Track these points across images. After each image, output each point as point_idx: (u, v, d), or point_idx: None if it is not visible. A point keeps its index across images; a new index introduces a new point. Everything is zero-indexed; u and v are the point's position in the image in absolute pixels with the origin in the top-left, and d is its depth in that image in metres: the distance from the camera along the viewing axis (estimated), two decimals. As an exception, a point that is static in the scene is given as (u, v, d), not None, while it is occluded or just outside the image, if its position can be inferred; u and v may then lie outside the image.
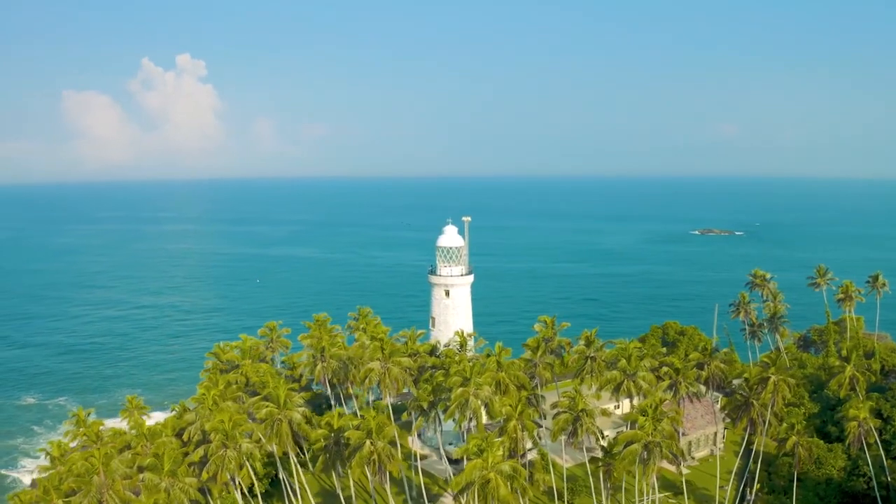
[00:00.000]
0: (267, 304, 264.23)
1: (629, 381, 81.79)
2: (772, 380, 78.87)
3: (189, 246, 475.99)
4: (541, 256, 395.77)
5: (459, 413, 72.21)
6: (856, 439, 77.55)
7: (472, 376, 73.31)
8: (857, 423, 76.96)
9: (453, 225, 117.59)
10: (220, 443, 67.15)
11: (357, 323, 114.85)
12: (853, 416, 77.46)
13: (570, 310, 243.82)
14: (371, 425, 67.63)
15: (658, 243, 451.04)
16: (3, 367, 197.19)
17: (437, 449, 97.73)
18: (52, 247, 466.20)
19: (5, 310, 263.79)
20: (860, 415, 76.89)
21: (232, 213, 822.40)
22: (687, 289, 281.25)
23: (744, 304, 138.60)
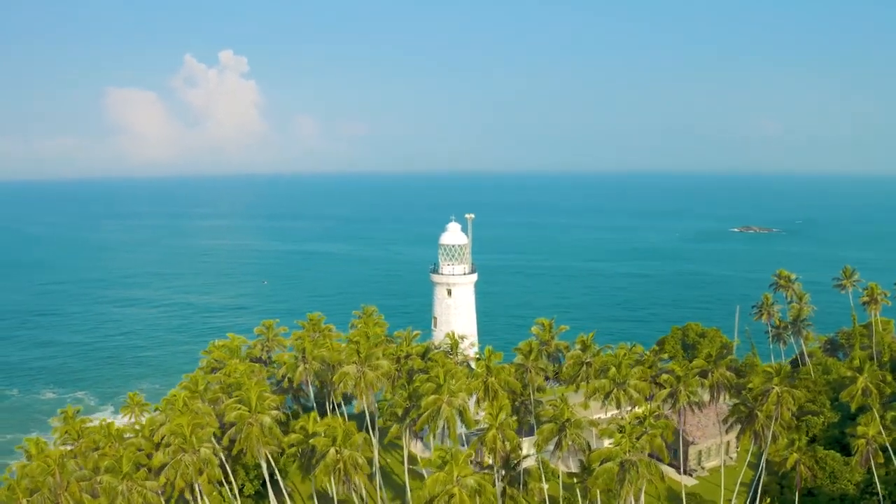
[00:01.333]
0: (292, 301, 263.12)
1: (619, 391, 76.99)
2: (774, 391, 73.57)
3: (224, 242, 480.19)
4: (573, 254, 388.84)
5: (431, 422, 68.45)
6: (864, 459, 71.68)
7: (445, 382, 69.36)
8: (864, 441, 71.15)
9: (456, 222, 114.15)
10: (178, 447, 64.53)
11: (359, 322, 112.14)
12: (861, 434, 71.65)
13: (594, 311, 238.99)
14: (337, 432, 64.32)
15: (694, 241, 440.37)
16: (28, 361, 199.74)
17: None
18: (87, 242, 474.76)
19: (34, 305, 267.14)
20: (869, 432, 71.07)
21: (271, 209, 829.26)
22: (716, 288, 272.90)
23: (767, 306, 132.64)
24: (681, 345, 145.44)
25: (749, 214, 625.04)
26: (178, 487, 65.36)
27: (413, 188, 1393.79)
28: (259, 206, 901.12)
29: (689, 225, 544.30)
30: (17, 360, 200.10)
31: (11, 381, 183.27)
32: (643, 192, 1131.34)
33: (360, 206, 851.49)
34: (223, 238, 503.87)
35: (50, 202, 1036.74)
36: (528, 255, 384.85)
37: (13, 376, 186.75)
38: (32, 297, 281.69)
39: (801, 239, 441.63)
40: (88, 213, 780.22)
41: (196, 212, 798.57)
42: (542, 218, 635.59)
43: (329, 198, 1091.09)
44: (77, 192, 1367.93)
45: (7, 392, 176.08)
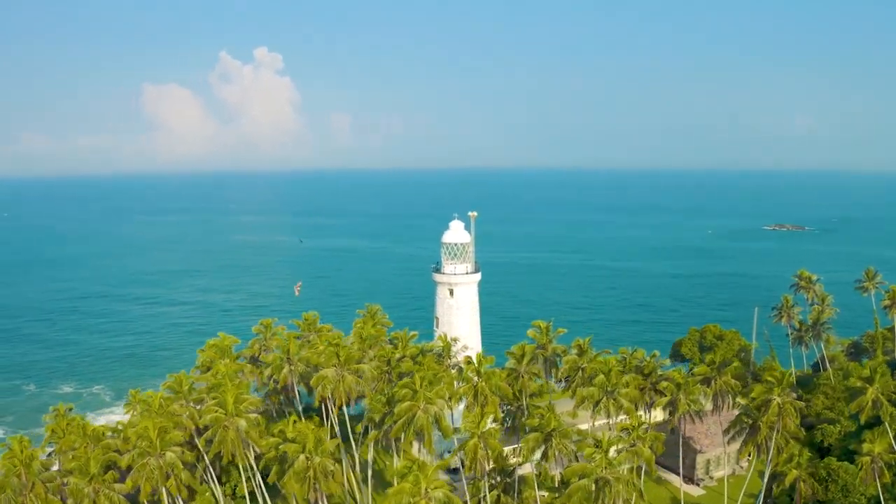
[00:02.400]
0: (315, 299, 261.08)
1: (608, 399, 73.29)
2: (775, 402, 69.47)
3: (252, 238, 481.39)
4: (602, 252, 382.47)
5: (407, 429, 65.64)
6: (868, 477, 67.18)
7: (421, 388, 66.45)
8: (870, 458, 66.61)
9: (459, 220, 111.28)
10: (144, 450, 62.73)
11: (359, 322, 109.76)
12: (867, 451, 67.07)
13: (615, 311, 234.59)
14: (307, 438, 61.84)
15: (725, 239, 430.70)
16: (47, 356, 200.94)
17: (439, 457, 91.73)
18: (117, 239, 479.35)
19: (58, 301, 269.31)
20: (875, 448, 66.47)
21: (302, 206, 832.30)
22: (741, 288, 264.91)
23: (786, 308, 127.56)
24: (698, 347, 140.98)
25: (782, 212, 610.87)
26: (145, 492, 63.50)
27: (445, 184, 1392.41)
28: (291, 203, 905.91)
29: (722, 222, 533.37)
30: (37, 355, 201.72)
31: (29, 375, 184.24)
32: (678, 190, 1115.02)
33: (390, 203, 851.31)
34: (252, 234, 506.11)
35: (84, 199, 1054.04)
36: (557, 253, 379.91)
37: (32, 371, 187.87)
38: (56, 293, 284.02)
39: (835, 237, 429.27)
40: (121, 209, 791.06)
41: (228, 208, 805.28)
42: (574, 215, 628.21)
43: (361, 194, 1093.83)
44: (112, 189, 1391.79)
45: (23, 387, 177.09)
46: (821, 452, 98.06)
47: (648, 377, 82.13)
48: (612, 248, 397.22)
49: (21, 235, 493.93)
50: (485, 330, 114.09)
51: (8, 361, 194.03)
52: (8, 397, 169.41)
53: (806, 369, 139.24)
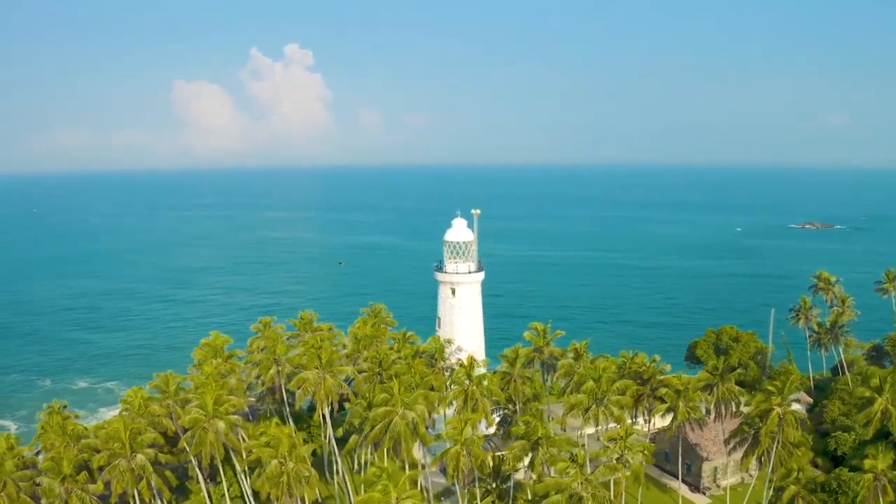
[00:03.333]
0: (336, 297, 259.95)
1: (597, 407, 70.17)
2: (775, 412, 65.98)
3: (280, 234, 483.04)
4: (629, 249, 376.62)
5: (384, 436, 63.29)
6: (871, 496, 63.20)
7: (398, 393, 64.05)
8: (872, 475, 62.71)
9: (462, 218, 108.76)
10: (115, 452, 61.34)
11: (358, 321, 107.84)
12: (869, 468, 63.15)
13: (633, 312, 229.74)
14: (280, 442, 59.88)
15: (752, 237, 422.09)
16: (66, 351, 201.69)
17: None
18: (146, 234, 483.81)
19: (82, 296, 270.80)
20: (878, 465, 62.48)
21: (331, 201, 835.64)
22: (762, 288, 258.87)
23: (804, 310, 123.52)
24: (713, 349, 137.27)
25: (813, 209, 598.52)
26: (115, 493, 62.20)
27: (473, 181, 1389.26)
28: (321, 198, 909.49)
29: (750, 219, 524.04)
30: (57, 349, 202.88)
31: (47, 370, 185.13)
32: (706, 187, 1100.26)
33: (417, 199, 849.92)
34: (279, 230, 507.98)
35: (117, 194, 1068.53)
36: (584, 250, 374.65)
37: (50, 366, 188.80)
38: (80, 288, 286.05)
39: (865, 237, 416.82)
40: (153, 205, 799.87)
41: (257, 203, 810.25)
42: (603, 211, 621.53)
43: (389, 190, 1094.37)
44: (144, 184, 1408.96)
45: (39, 382, 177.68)
46: (834, 461, 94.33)
47: (648, 383, 78.76)
48: (638, 245, 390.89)
49: (50, 231, 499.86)
50: (494, 331, 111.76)
51: (27, 356, 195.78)
52: (23, 392, 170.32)
53: (825, 372, 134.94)
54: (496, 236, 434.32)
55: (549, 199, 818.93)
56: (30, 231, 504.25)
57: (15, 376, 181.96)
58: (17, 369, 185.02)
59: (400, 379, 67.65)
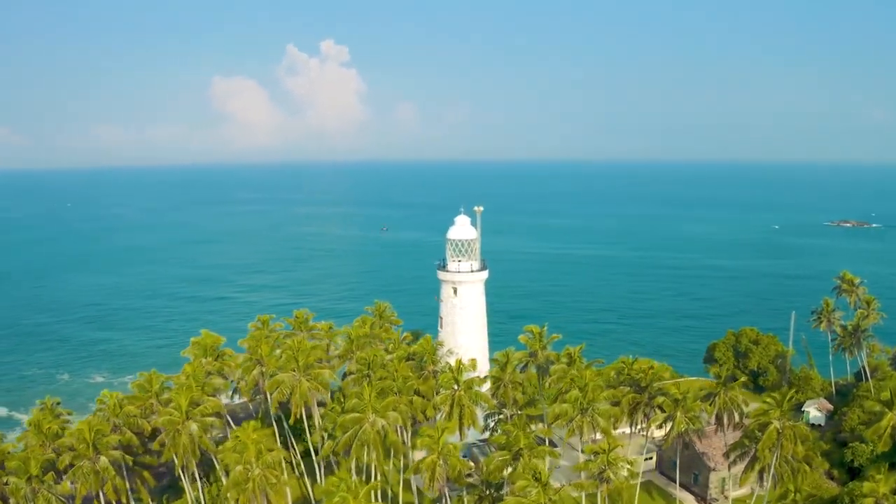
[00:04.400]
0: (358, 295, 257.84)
1: (582, 417, 66.36)
2: (773, 427, 61.71)
3: (311, 230, 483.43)
4: (661, 246, 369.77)
5: (355, 444, 60.45)
6: None
7: (369, 399, 61.18)
8: (874, 500, 57.95)
9: (465, 215, 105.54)
10: (80, 453, 59.65)
11: (357, 320, 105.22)
12: (869, 492, 58.36)
13: (658, 311, 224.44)
14: (246, 447, 57.43)
15: (781, 234, 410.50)
16: (87, 345, 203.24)
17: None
18: (179, 228, 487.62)
19: (107, 291, 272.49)
20: (879, 489, 57.57)
21: (367, 196, 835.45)
22: (786, 288, 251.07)
23: (827, 313, 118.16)
24: (732, 352, 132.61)
25: (849, 207, 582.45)
26: (81, 494, 60.62)
27: (510, 176, 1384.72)
28: (353, 193, 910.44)
29: (784, 217, 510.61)
30: (78, 345, 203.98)
31: (65, 364, 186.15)
32: (745, 184, 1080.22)
33: (451, 194, 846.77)
34: (309, 225, 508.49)
35: (153, 189, 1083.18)
36: (613, 247, 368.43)
37: (69, 359, 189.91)
38: (107, 284, 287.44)
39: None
40: (189, 199, 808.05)
41: (289, 198, 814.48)
42: (636, 208, 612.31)
43: (424, 184, 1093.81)
44: (180, 179, 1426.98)
45: (57, 375, 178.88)
46: (851, 473, 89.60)
47: (645, 391, 74.66)
48: (671, 244, 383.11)
49: (80, 227, 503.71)
50: (510, 333, 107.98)
51: (50, 350, 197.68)
52: (41, 385, 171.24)
53: (849, 377, 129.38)
54: (525, 233, 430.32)
55: (580, 196, 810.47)
56: (61, 225, 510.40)
57: (35, 370, 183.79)
58: (37, 363, 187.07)
59: (373, 384, 64.59)
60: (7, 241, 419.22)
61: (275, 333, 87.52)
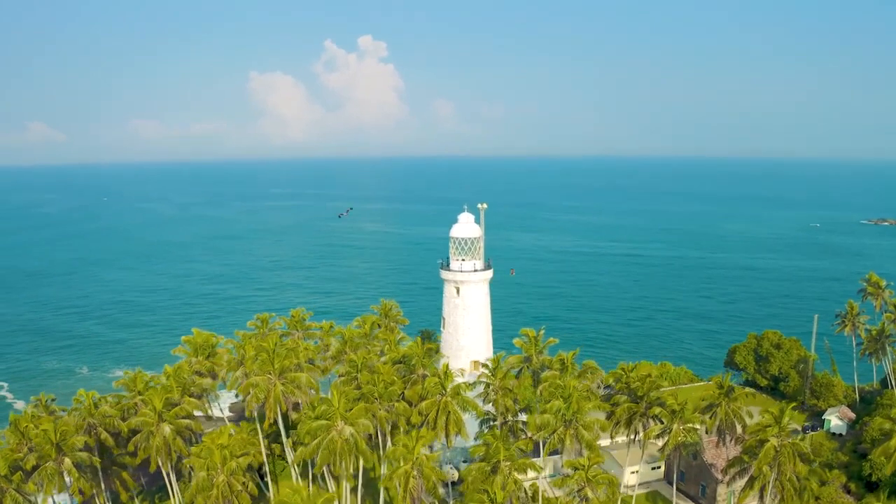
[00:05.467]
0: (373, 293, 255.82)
1: (565, 430, 62.56)
2: (770, 444, 57.50)
3: (344, 224, 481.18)
4: (698, 244, 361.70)
5: (322, 453, 57.70)
6: None
7: (338, 405, 58.43)
8: None
9: (469, 212, 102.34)
10: (45, 454, 58.21)
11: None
12: None
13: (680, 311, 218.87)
14: (212, 453, 55.22)
15: (815, 232, 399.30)
16: (110, 340, 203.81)
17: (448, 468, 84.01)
18: (210, 223, 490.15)
19: (132, 286, 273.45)
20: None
21: (399, 191, 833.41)
22: (814, 289, 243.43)
23: (851, 317, 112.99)
24: (753, 356, 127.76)
25: (889, 205, 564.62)
26: (47, 494, 59.18)
27: (549, 172, 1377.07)
28: (389, 189, 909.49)
29: (816, 214, 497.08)
30: (101, 338, 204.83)
31: (84, 357, 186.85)
32: (782, 181, 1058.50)
33: (488, 190, 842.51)
34: (341, 221, 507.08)
35: (190, 184, 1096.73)
36: (647, 245, 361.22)
37: (89, 353, 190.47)
38: (132, 278, 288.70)
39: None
40: (223, 194, 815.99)
41: (325, 193, 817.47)
42: (672, 205, 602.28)
43: (460, 180, 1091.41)
44: (217, 174, 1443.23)
45: (76, 368, 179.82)
46: (869, 487, 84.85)
47: (642, 400, 70.51)
48: (705, 241, 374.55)
49: (116, 222, 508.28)
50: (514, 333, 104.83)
51: (73, 344, 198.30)
52: (60, 378, 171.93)
53: (874, 384, 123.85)
54: (553, 230, 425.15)
55: (615, 192, 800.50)
56: (96, 221, 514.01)
57: (54, 362, 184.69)
58: (59, 355, 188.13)
59: (347, 390, 61.90)
60: (41, 237, 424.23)
61: (274, 332, 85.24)
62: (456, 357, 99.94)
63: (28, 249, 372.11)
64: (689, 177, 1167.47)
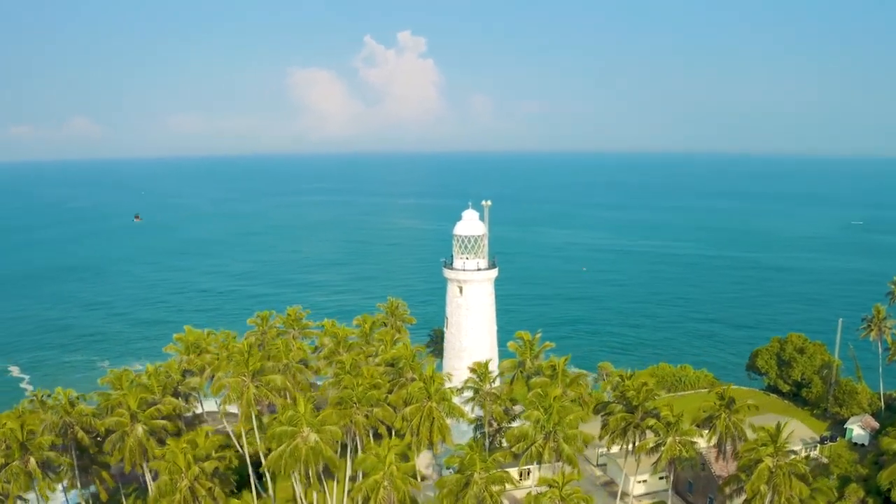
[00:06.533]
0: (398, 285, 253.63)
1: (543, 442, 58.87)
2: (764, 465, 53.43)
3: (377, 219, 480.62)
4: (713, 242, 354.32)
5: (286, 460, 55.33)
6: None
7: (304, 411, 55.92)
8: None
9: (473, 209, 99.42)
10: (10, 453, 57.00)
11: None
12: None
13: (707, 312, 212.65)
14: (177, 456, 53.25)
15: (856, 231, 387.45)
16: (133, 335, 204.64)
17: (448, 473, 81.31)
18: (242, 219, 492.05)
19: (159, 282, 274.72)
20: None
21: (435, 187, 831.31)
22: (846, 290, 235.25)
23: (878, 321, 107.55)
24: (775, 360, 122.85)
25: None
26: (13, 495, 58.02)
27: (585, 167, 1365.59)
28: (427, 184, 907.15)
29: (859, 213, 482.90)
30: (124, 334, 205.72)
31: (107, 352, 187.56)
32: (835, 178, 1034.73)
33: (524, 186, 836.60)
34: (376, 215, 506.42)
35: (227, 178, 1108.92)
36: (679, 243, 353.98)
37: (112, 348, 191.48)
38: (156, 275, 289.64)
39: None
40: (260, 189, 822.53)
41: (361, 188, 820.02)
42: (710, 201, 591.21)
43: (498, 175, 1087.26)
44: (254, 169, 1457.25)
45: (97, 362, 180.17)
46: (887, 503, 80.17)
47: (636, 410, 66.47)
48: (740, 239, 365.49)
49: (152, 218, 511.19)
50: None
51: (98, 337, 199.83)
52: (81, 372, 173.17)
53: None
54: (584, 226, 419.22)
55: (649, 189, 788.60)
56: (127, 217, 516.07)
57: (77, 356, 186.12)
58: (83, 349, 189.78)
59: (303, 398, 59.37)
60: (71, 232, 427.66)
61: (228, 335, 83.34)
62: (458, 358, 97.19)
63: (57, 245, 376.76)
64: (724, 175, 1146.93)
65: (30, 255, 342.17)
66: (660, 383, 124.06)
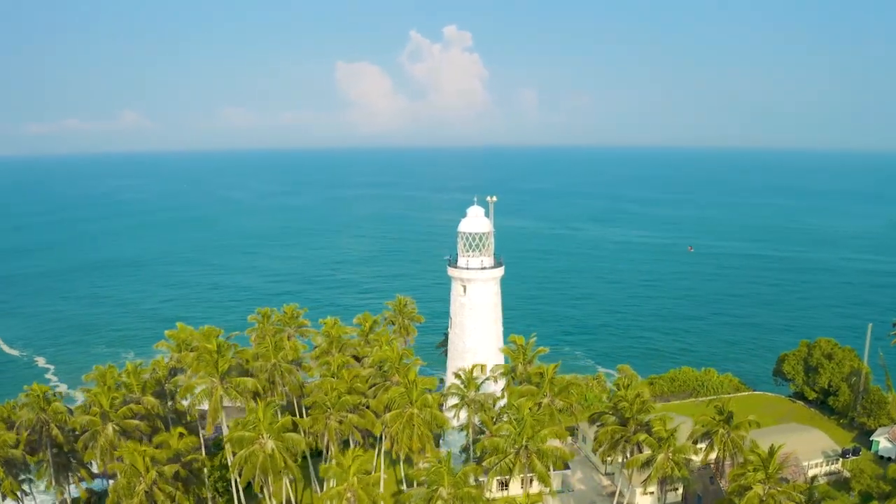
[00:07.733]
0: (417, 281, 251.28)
1: (516, 457, 55.19)
2: (754, 492, 49.18)
3: (413, 214, 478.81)
4: (758, 240, 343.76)
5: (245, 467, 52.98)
6: None
7: (262, 417, 53.47)
8: None
9: (479, 206, 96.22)
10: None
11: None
12: None
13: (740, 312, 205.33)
14: (135, 459, 51.38)
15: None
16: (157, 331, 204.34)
17: None
18: (278, 212, 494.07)
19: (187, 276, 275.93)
20: None
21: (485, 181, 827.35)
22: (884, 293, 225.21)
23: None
24: (802, 366, 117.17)
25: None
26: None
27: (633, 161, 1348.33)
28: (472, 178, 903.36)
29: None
30: (153, 330, 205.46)
31: (135, 345, 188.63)
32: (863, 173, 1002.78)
33: (565, 180, 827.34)
34: (414, 210, 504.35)
35: (274, 171, 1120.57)
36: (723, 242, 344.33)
37: (140, 342, 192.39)
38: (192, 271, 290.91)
39: None
40: (308, 182, 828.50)
41: (406, 182, 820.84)
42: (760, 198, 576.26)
43: (545, 169, 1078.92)
44: (302, 162, 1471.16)
45: (123, 353, 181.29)
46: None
47: (628, 423, 62.30)
48: (779, 236, 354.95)
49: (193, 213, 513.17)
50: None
51: (125, 330, 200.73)
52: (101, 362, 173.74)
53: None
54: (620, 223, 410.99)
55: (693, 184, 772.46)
56: (173, 211, 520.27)
57: (102, 347, 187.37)
58: (109, 341, 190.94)
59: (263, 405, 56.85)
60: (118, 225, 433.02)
61: (211, 332, 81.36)
62: (462, 360, 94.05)
63: (101, 238, 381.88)
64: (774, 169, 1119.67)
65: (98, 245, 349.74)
66: (681, 387, 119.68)
